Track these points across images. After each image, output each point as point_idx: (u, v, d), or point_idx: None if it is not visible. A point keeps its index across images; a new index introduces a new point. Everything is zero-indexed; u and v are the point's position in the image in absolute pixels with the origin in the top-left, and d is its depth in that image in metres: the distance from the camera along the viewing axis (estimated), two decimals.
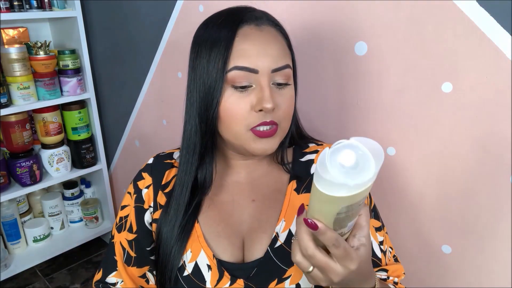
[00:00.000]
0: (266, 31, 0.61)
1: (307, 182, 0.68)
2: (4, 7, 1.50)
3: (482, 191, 0.72)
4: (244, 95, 0.59)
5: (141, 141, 1.67)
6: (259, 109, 0.58)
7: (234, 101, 0.59)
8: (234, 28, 0.59)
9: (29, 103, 1.60)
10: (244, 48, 0.58)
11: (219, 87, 0.58)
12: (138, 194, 0.72)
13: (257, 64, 0.58)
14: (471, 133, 0.70)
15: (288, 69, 0.61)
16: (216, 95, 0.59)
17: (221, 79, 0.58)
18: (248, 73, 0.58)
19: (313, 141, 0.74)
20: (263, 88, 0.58)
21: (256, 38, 0.59)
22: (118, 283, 0.72)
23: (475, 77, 0.67)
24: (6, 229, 1.76)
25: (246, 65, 0.58)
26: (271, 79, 0.59)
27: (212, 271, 0.63)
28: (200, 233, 0.66)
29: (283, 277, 0.62)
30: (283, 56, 0.60)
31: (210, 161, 0.66)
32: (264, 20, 0.62)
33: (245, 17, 0.60)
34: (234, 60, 0.58)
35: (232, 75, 0.58)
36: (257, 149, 0.61)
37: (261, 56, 0.58)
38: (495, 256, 0.73)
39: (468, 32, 0.66)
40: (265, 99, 0.58)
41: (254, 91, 0.59)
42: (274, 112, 0.60)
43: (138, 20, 1.43)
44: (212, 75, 0.59)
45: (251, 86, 0.59)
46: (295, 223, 0.50)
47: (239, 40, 0.59)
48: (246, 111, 0.59)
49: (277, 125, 0.61)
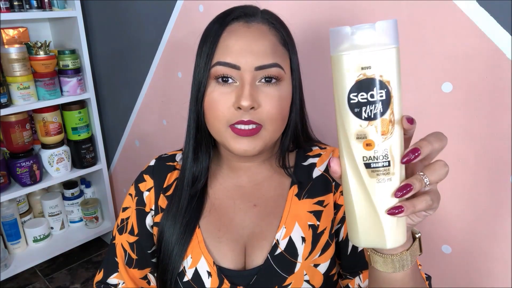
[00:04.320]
0: (255, 28, 0.60)
1: (308, 187, 0.67)
2: (4, 7, 1.50)
3: (482, 191, 0.72)
4: (227, 91, 0.58)
5: (141, 141, 1.67)
6: (237, 107, 0.57)
7: (216, 96, 0.59)
8: (224, 25, 0.60)
9: (29, 103, 1.60)
10: (228, 44, 0.58)
11: (204, 81, 0.59)
12: (139, 197, 0.71)
13: (239, 61, 0.57)
14: (471, 133, 0.70)
15: (275, 68, 0.58)
16: (202, 89, 0.60)
17: (206, 74, 0.59)
18: (230, 69, 0.58)
19: (317, 144, 0.73)
20: (244, 85, 0.57)
21: (241, 34, 0.59)
22: (119, 284, 0.72)
23: (475, 77, 0.67)
24: (6, 229, 1.76)
25: (228, 61, 0.58)
26: (255, 77, 0.58)
27: (212, 278, 0.63)
28: (201, 239, 0.65)
29: (283, 284, 0.62)
30: (270, 54, 0.58)
31: (203, 157, 0.67)
32: (256, 18, 0.61)
33: (236, 14, 0.61)
34: (218, 55, 0.59)
35: (215, 70, 0.58)
36: (236, 148, 0.59)
37: (244, 53, 0.57)
38: (495, 256, 0.73)
39: (468, 32, 0.66)
40: (243, 96, 0.56)
41: (237, 88, 0.58)
42: (256, 111, 0.58)
43: (138, 20, 1.43)
44: (200, 69, 0.60)
45: (235, 82, 0.58)
46: None
47: (225, 36, 0.59)
48: (226, 107, 0.58)
49: (261, 126, 0.59)
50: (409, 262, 0.45)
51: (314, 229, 0.65)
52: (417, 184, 0.39)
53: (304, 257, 0.63)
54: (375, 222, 0.41)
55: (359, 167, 0.40)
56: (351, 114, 0.39)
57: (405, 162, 0.39)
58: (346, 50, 0.38)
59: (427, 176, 0.39)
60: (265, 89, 0.58)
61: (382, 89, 0.38)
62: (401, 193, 0.39)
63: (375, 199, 0.40)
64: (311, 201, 0.66)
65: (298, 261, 0.63)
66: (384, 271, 0.46)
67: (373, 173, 0.39)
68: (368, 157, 0.39)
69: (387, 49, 0.37)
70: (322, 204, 0.66)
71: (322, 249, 0.64)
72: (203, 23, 0.64)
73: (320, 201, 0.66)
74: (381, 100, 0.38)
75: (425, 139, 0.40)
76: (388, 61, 0.37)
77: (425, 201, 0.39)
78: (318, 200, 0.66)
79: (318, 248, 0.64)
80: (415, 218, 0.44)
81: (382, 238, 0.41)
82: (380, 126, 0.38)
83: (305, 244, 0.64)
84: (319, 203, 0.66)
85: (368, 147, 0.39)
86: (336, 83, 0.39)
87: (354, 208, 0.41)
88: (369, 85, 0.38)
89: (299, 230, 0.64)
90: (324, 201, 0.66)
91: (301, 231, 0.64)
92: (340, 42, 0.38)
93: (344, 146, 0.41)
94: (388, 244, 0.41)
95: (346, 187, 0.42)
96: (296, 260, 0.63)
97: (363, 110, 0.38)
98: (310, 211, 0.65)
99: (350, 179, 0.41)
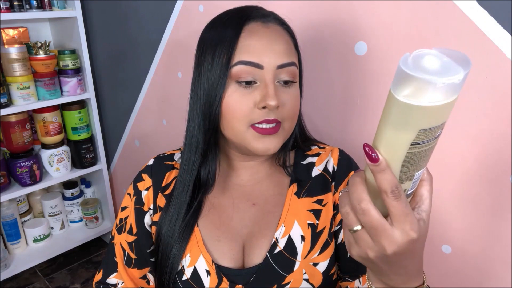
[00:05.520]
0: (273, 28, 0.60)
1: (307, 186, 0.67)
2: (4, 7, 1.50)
3: (482, 191, 0.72)
4: (248, 92, 0.58)
5: (141, 141, 1.67)
6: (262, 106, 0.57)
7: (237, 98, 0.58)
8: (240, 25, 0.59)
9: (29, 103, 1.60)
10: (250, 44, 0.58)
11: (222, 82, 0.58)
12: (138, 196, 0.71)
13: (263, 60, 0.57)
14: (471, 133, 0.70)
15: (293, 67, 0.60)
16: (220, 90, 0.58)
17: (225, 75, 0.58)
18: (253, 69, 0.57)
19: (316, 143, 0.73)
20: (267, 84, 0.57)
21: (262, 34, 0.59)
22: (119, 284, 0.72)
23: (475, 77, 0.67)
24: (6, 229, 1.76)
25: (251, 60, 0.57)
26: (276, 76, 0.58)
27: (211, 276, 0.63)
28: (200, 237, 0.65)
29: (283, 283, 0.62)
30: (289, 53, 0.60)
31: (213, 159, 0.65)
32: (271, 18, 0.62)
33: (252, 15, 0.60)
34: (239, 55, 0.58)
35: (237, 70, 0.58)
36: (259, 148, 0.59)
37: (267, 52, 0.58)
38: (495, 256, 0.73)
39: (468, 32, 0.66)
40: (269, 96, 0.57)
41: (258, 88, 0.58)
42: (278, 110, 0.59)
43: (138, 20, 1.43)
44: (216, 70, 0.59)
45: (255, 82, 0.58)
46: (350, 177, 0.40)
47: (244, 36, 0.58)
48: (249, 108, 0.58)
49: (280, 124, 0.60)
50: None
51: (314, 228, 0.65)
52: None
53: (303, 255, 0.63)
54: None
55: None
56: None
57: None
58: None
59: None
60: (283, 89, 0.60)
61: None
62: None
63: None
64: (310, 200, 0.66)
65: (297, 259, 0.63)
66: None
67: None
68: None
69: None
70: (321, 203, 0.66)
71: (321, 248, 0.64)
72: (203, 23, 0.64)
73: (319, 200, 0.66)
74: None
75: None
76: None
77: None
78: (317, 199, 0.66)
79: (318, 247, 0.64)
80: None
81: None
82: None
83: (305, 242, 0.64)
84: (318, 202, 0.66)
85: None
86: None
87: None
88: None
89: (298, 228, 0.64)
90: (323, 200, 0.66)
91: (301, 230, 0.64)
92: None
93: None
94: None
95: None
96: (295, 259, 0.63)
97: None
98: (309, 209, 0.66)
99: None
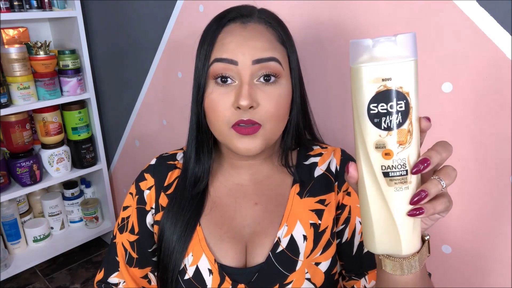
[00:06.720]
0: (251, 27, 0.60)
1: (310, 186, 0.67)
2: (4, 7, 1.50)
3: (482, 191, 0.72)
4: (226, 91, 0.58)
5: (141, 141, 1.67)
6: (236, 106, 0.57)
7: (216, 97, 0.59)
8: (220, 26, 0.60)
9: (29, 103, 1.60)
10: (225, 42, 0.59)
11: (203, 82, 0.60)
12: (140, 195, 0.71)
13: (237, 55, 0.57)
14: (471, 133, 0.71)
15: (273, 62, 0.58)
16: (201, 90, 0.60)
17: (205, 73, 0.59)
18: (227, 65, 0.58)
19: (319, 144, 0.73)
20: (242, 84, 0.57)
21: (238, 33, 0.59)
22: (120, 283, 0.72)
23: (475, 77, 0.67)
24: (6, 229, 1.76)
25: (225, 56, 0.58)
26: (253, 73, 0.58)
27: (213, 275, 0.63)
28: (202, 237, 0.65)
29: (285, 282, 0.62)
30: (268, 49, 0.58)
31: (205, 158, 0.67)
32: (252, 18, 0.61)
33: (232, 15, 0.61)
34: (215, 53, 0.59)
35: (213, 68, 0.59)
36: (239, 148, 0.59)
37: (242, 48, 0.57)
38: (495, 256, 0.73)
39: (468, 32, 0.66)
40: (241, 96, 0.56)
41: (236, 88, 0.58)
42: (255, 111, 0.57)
43: (138, 20, 1.43)
44: (199, 70, 0.60)
45: (233, 81, 0.58)
46: None
47: (222, 35, 0.60)
48: (226, 108, 0.58)
49: (260, 125, 0.58)
50: (417, 265, 0.45)
51: (316, 227, 0.65)
52: (432, 189, 0.40)
53: (305, 255, 0.63)
54: (391, 229, 0.42)
55: (377, 176, 0.41)
56: (371, 124, 0.40)
57: (415, 172, 0.40)
58: (366, 61, 0.39)
59: (443, 179, 0.41)
60: (264, 88, 0.58)
61: (402, 100, 0.39)
62: (416, 198, 0.40)
63: (392, 207, 0.41)
64: (313, 200, 0.66)
65: (299, 259, 0.63)
66: (394, 274, 0.46)
67: (391, 181, 0.40)
68: (387, 166, 0.40)
69: (407, 61, 0.39)
70: (324, 203, 0.66)
71: (323, 248, 0.64)
72: (203, 23, 0.64)
73: (322, 200, 0.66)
74: (400, 111, 0.39)
75: (433, 149, 0.41)
76: (408, 73, 0.39)
77: (444, 202, 0.41)
78: (319, 199, 0.66)
79: (320, 247, 0.64)
80: (428, 222, 0.45)
81: (398, 245, 0.42)
82: (398, 136, 0.39)
83: (307, 242, 0.64)
84: (321, 202, 0.66)
85: (387, 157, 0.40)
86: (355, 93, 0.40)
87: (371, 215, 0.42)
88: (389, 96, 0.39)
89: (300, 228, 0.64)
90: (325, 200, 0.66)
91: (303, 229, 0.64)
92: (361, 54, 0.39)
93: (363, 154, 0.41)
94: (403, 251, 0.42)
95: (363, 195, 0.43)
96: (297, 258, 0.63)
97: (383, 121, 0.39)
98: (311, 209, 0.66)
99: (368, 187, 0.42)
